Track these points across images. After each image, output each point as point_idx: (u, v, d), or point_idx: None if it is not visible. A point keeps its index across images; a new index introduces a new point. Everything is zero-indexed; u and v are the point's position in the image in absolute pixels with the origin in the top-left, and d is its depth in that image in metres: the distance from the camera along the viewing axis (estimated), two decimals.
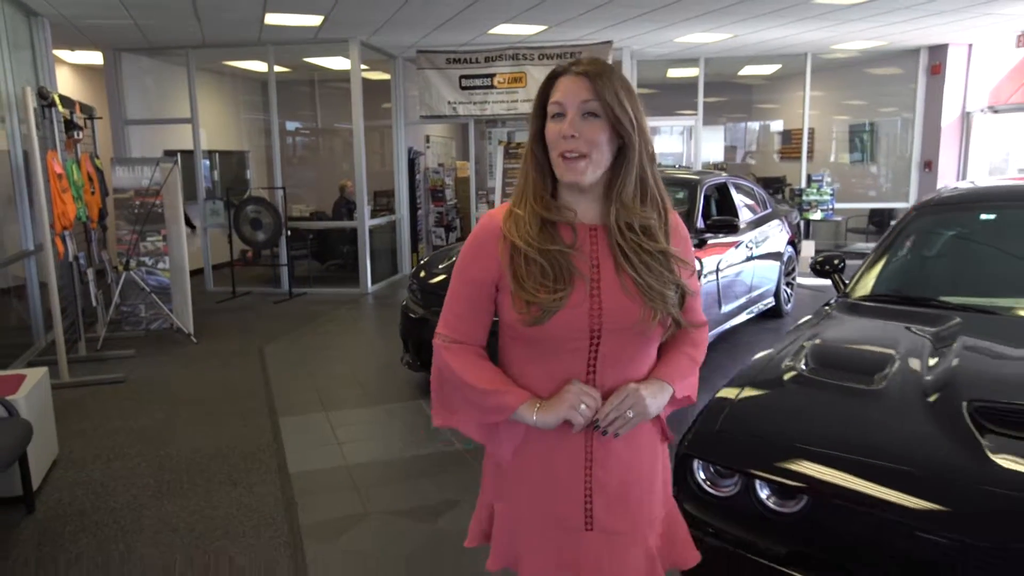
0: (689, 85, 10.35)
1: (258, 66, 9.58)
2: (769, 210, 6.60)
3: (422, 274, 4.91)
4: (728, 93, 12.87)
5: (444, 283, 4.66)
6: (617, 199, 1.34)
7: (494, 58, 8.61)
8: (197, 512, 3.20)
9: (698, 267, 4.41)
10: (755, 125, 13.57)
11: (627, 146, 1.32)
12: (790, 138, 11.99)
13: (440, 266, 4.94)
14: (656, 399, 1.36)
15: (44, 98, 5.00)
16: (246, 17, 6.92)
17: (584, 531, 1.40)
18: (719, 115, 13.01)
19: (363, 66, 8.57)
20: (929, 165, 9.53)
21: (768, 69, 11.38)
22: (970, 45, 9.26)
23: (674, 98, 11.57)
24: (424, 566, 2.78)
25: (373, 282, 8.62)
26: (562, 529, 1.41)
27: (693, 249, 1.53)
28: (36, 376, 3.48)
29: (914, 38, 8.82)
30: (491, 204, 8.81)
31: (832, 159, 11.41)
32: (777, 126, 12.77)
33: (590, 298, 1.33)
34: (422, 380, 4.94)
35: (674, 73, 11.08)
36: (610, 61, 8.15)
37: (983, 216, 3.08)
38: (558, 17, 7.22)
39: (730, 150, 13.47)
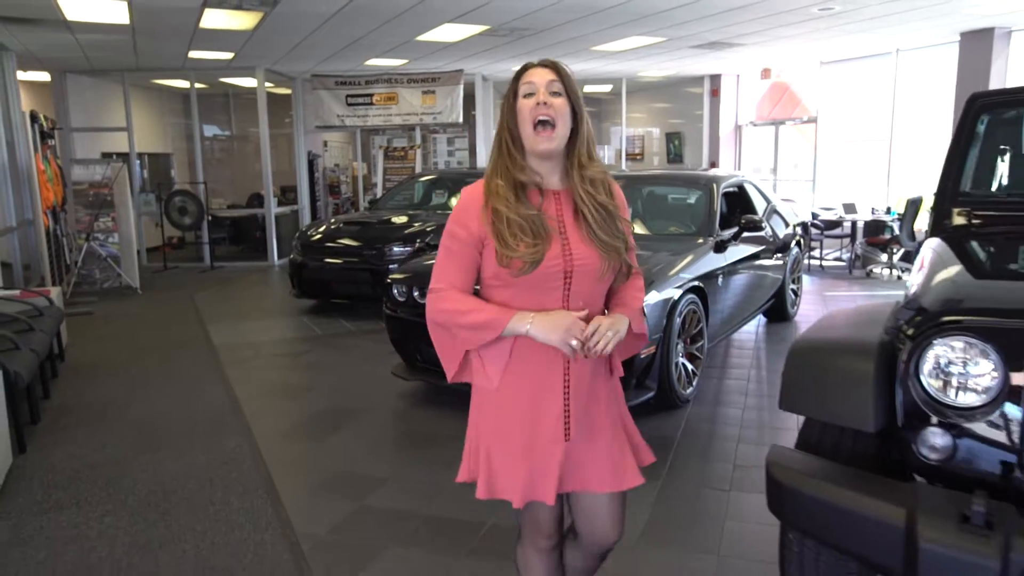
0: None
1: (181, 83, 11.74)
2: None
3: (303, 234, 7.40)
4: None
5: (319, 239, 7.18)
6: (577, 160, 1.71)
7: (372, 81, 11.12)
8: (162, 361, 5.61)
9: None
10: (613, 131, 16.44)
11: (579, 121, 1.69)
12: (630, 143, 14.93)
13: (314, 229, 7.44)
14: (621, 326, 1.70)
15: (34, 119, 7.20)
16: (174, 52, 9.18)
17: (564, 441, 1.73)
18: None
19: (268, 84, 10.90)
20: (714, 164, 12.56)
21: (606, 87, 14.26)
22: (738, 75, 12.35)
23: None
24: (292, 376, 5.31)
25: (279, 257, 10.95)
26: (547, 443, 1.72)
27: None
28: (56, 290, 5.80)
29: (695, 68, 11.80)
30: (375, 195, 11.26)
31: (656, 161, 14.40)
32: (621, 132, 15.68)
33: (563, 250, 1.66)
34: (303, 304, 7.48)
35: None
36: (461, 86, 10.83)
37: None
38: (414, 54, 9.78)
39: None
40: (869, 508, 1.76)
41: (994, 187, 3.02)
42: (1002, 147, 3.03)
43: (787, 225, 6.24)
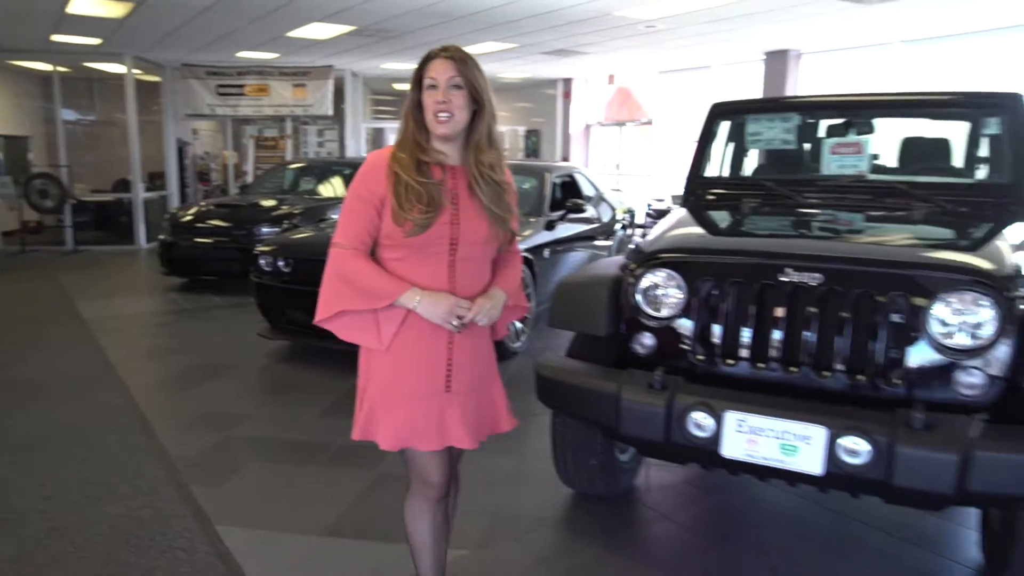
0: None
1: (41, 65, 11.42)
2: None
3: (174, 215, 7.71)
4: None
5: (190, 220, 7.51)
6: (473, 144, 1.89)
7: (244, 73, 11.36)
8: (32, 331, 5.84)
9: None
10: None
11: (480, 109, 1.87)
12: None
13: (184, 211, 7.76)
14: (498, 302, 1.96)
15: None
16: (36, 35, 9.08)
17: (446, 392, 1.94)
18: None
19: (136, 71, 10.88)
20: (566, 159, 13.66)
21: None
22: (587, 80, 13.52)
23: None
24: (163, 341, 5.71)
25: (147, 241, 10.97)
26: (430, 392, 1.93)
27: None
28: None
29: (549, 72, 12.83)
30: (246, 182, 11.49)
31: (519, 156, 15.38)
32: None
33: (451, 218, 1.86)
34: (172, 282, 7.81)
35: (399, 86, 14.41)
36: (331, 80, 11.28)
37: None
38: (285, 49, 10.15)
39: None
40: (597, 386, 2.59)
41: (725, 172, 3.99)
42: (731, 143, 4.01)
43: (614, 211, 7.25)
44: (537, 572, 2.63)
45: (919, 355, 2.23)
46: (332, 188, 8.53)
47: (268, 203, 7.80)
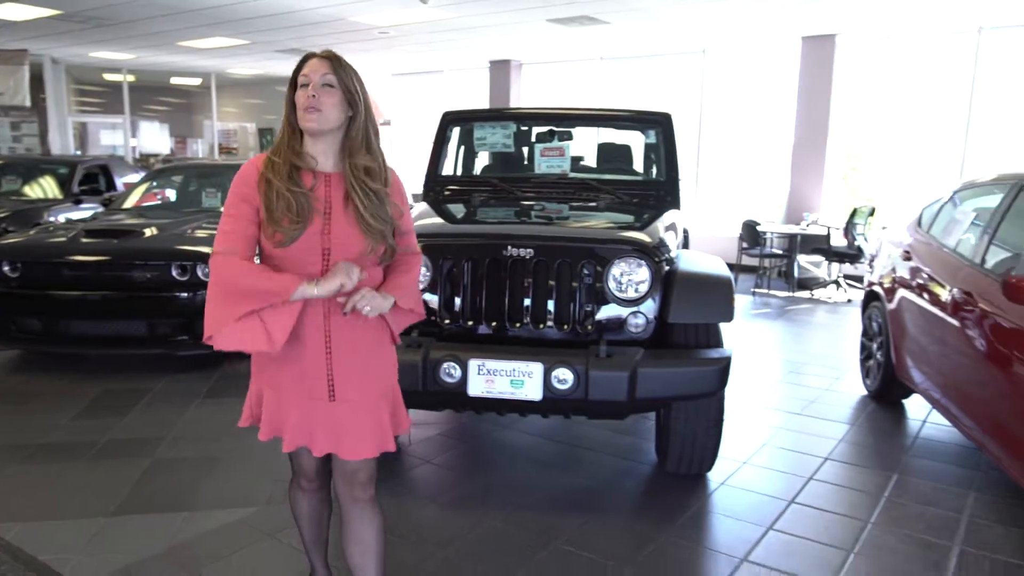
0: (131, 87, 12.67)
1: None
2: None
3: None
4: (170, 95, 15.49)
5: None
6: (348, 148, 1.86)
7: None
8: None
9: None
10: (206, 124, 16.38)
11: (355, 112, 1.85)
12: (224, 136, 15.21)
13: None
14: (386, 301, 1.87)
15: None
16: None
17: (329, 401, 1.89)
18: (165, 114, 15.55)
19: None
20: None
21: (195, 81, 14.32)
22: None
23: (117, 99, 13.70)
24: None
25: None
26: (313, 400, 1.89)
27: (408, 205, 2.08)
28: None
29: (283, 70, 12.72)
30: None
31: (251, 155, 14.99)
32: (213, 126, 15.84)
33: (323, 229, 1.82)
34: None
35: (109, 77, 13.21)
36: (27, 65, 10.11)
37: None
38: None
39: (179, 144, 16.06)
40: None
41: (458, 171, 4.67)
42: (462, 146, 4.69)
43: None
44: None
45: (603, 307, 3.06)
46: (42, 189, 7.75)
47: None
